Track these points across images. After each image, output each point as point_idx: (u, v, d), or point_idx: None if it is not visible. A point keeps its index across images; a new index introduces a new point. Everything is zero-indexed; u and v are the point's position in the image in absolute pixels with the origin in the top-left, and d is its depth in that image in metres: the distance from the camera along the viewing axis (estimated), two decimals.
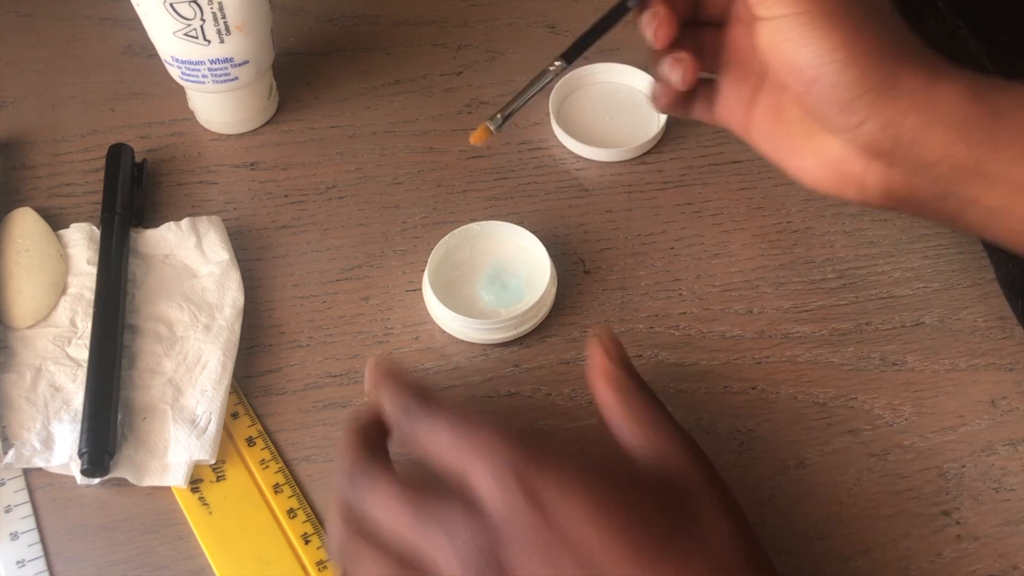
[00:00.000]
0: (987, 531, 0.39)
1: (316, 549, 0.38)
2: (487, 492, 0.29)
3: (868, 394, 0.42)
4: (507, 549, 0.29)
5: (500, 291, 0.44)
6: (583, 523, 0.29)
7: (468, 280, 0.44)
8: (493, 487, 0.29)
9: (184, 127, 0.51)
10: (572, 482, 0.29)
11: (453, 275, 0.44)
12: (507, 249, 0.45)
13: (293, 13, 0.56)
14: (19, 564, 0.37)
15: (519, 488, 0.29)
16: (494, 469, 0.29)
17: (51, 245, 0.44)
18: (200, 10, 0.43)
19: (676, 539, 0.30)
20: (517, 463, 0.29)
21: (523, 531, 0.29)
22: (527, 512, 0.29)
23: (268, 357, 0.43)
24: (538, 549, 0.28)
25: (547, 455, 0.30)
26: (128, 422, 0.40)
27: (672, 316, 0.45)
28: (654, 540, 0.29)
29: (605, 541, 0.29)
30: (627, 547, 0.29)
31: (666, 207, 0.49)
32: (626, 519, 0.29)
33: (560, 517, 0.29)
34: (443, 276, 0.44)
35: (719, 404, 0.42)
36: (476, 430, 0.30)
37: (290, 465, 0.40)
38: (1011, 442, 0.41)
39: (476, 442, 0.30)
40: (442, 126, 0.51)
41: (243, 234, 0.47)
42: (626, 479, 0.31)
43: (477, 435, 0.30)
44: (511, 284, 0.44)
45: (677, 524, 0.30)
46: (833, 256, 0.47)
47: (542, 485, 0.29)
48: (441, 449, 0.31)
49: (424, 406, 0.32)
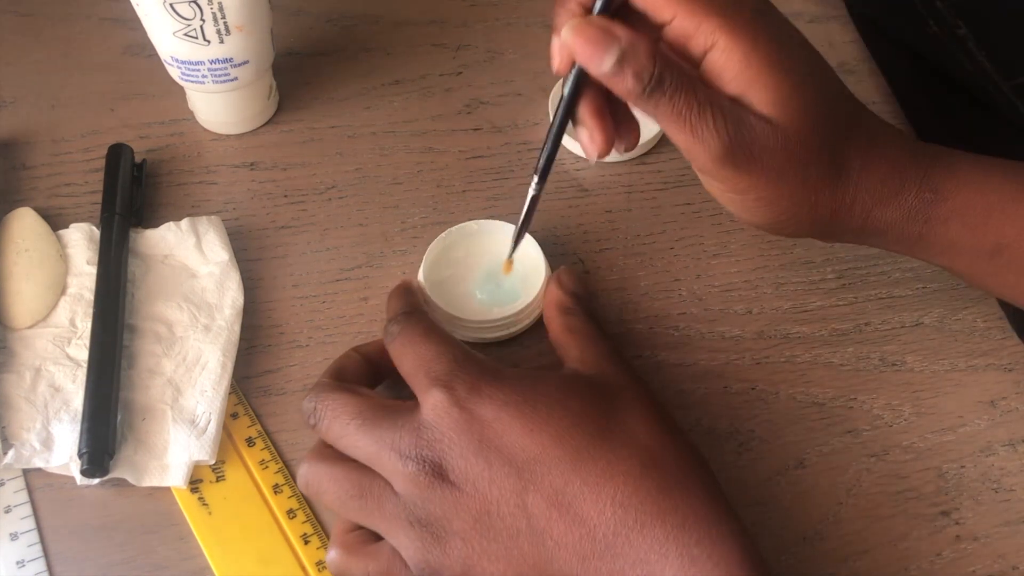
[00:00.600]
0: (986, 531, 0.39)
1: (316, 549, 0.38)
2: (431, 409, 0.34)
3: (867, 394, 0.43)
4: (446, 456, 0.33)
5: (495, 290, 0.44)
6: (518, 433, 0.33)
7: (463, 279, 0.44)
8: (437, 405, 0.34)
9: (184, 127, 0.51)
10: (507, 400, 0.34)
11: (447, 273, 0.44)
12: (504, 248, 0.45)
13: (293, 13, 0.56)
14: (19, 564, 0.37)
15: (458, 406, 0.34)
16: (439, 390, 0.34)
17: (51, 245, 0.44)
18: (200, 10, 0.43)
19: (605, 438, 0.34)
20: (459, 384, 0.34)
21: (462, 441, 0.33)
22: (466, 426, 0.33)
23: (268, 357, 0.43)
24: (475, 452, 0.33)
25: (487, 376, 0.35)
26: (128, 422, 0.40)
27: (672, 316, 0.45)
28: (584, 442, 0.33)
29: (539, 448, 0.33)
30: (560, 451, 0.33)
31: (666, 207, 0.49)
32: (557, 427, 0.33)
33: (496, 429, 0.33)
34: (438, 274, 0.44)
35: (719, 404, 0.42)
36: (433, 354, 0.36)
37: (290, 465, 0.40)
38: (1010, 442, 0.41)
39: (431, 365, 0.35)
40: (442, 126, 0.51)
41: (243, 234, 0.47)
42: (557, 390, 0.35)
43: (433, 359, 0.35)
44: (506, 283, 0.44)
45: (605, 425, 0.34)
46: (832, 256, 0.47)
47: (478, 402, 0.34)
48: (405, 370, 0.37)
49: (404, 330, 0.37)
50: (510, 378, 0.35)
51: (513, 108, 0.52)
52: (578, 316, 0.40)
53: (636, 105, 0.34)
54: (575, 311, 0.40)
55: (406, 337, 0.37)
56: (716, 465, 0.40)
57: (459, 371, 0.35)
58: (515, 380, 0.35)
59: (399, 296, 0.41)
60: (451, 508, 0.33)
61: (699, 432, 0.41)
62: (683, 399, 0.42)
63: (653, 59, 0.32)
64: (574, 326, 0.40)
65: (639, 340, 0.44)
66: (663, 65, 0.33)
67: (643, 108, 0.34)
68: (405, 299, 0.41)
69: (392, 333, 0.38)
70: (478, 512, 0.33)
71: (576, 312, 0.40)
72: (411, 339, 0.37)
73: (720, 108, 0.33)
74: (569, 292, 0.41)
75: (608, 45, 0.32)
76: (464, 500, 0.33)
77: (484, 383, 0.34)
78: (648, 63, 0.32)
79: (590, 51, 0.33)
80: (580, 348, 0.38)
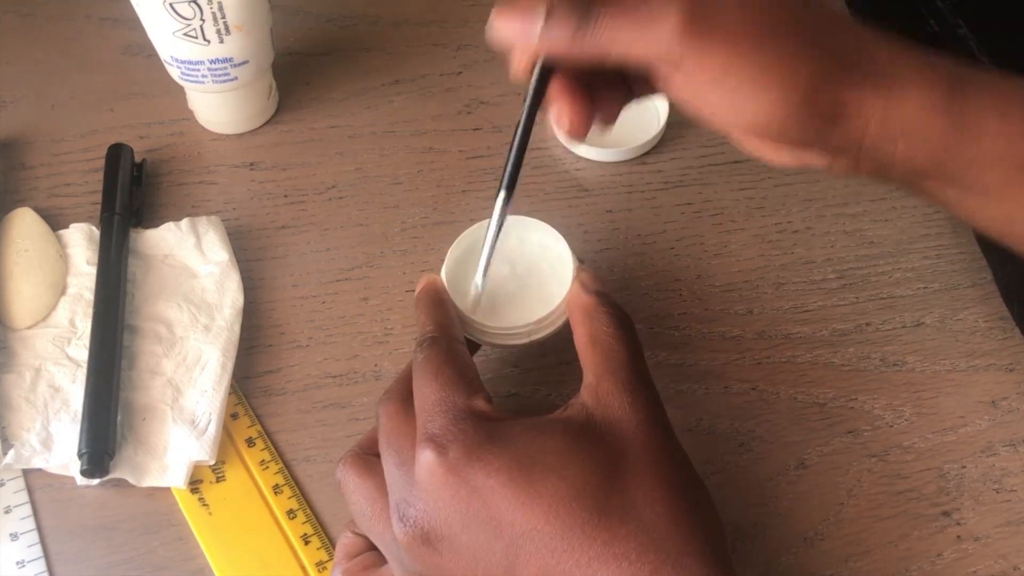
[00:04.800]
0: (987, 532, 0.39)
1: (316, 550, 0.38)
2: (421, 468, 0.31)
3: (868, 395, 0.42)
4: (432, 521, 0.31)
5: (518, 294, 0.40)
6: (510, 505, 0.30)
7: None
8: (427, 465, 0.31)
9: (184, 127, 0.51)
10: (501, 466, 0.31)
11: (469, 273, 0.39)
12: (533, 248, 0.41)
13: (293, 13, 0.56)
14: (19, 565, 0.37)
15: (447, 470, 0.31)
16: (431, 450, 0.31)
17: (51, 245, 0.44)
18: (200, 10, 0.43)
19: (604, 514, 0.30)
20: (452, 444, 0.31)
21: (448, 509, 0.31)
22: (454, 492, 0.30)
23: (268, 357, 0.43)
24: (462, 523, 0.30)
25: (483, 437, 0.31)
26: (128, 423, 0.40)
27: (672, 316, 0.45)
28: (581, 519, 0.30)
29: (530, 523, 0.30)
30: (553, 527, 0.30)
31: (666, 207, 0.48)
32: (552, 499, 0.30)
33: (486, 499, 0.30)
34: (460, 273, 0.40)
35: (719, 404, 0.42)
36: (436, 403, 0.33)
37: (290, 466, 0.40)
38: (1011, 443, 0.41)
39: (431, 414, 0.32)
40: (442, 126, 0.51)
41: (243, 234, 0.47)
42: (558, 453, 0.31)
43: (434, 408, 0.32)
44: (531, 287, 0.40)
45: (605, 497, 0.30)
46: (833, 256, 0.47)
47: (469, 467, 0.31)
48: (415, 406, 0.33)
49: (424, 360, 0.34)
50: (508, 439, 0.32)
51: (513, 108, 0.52)
52: (604, 322, 0.36)
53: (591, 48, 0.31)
54: (599, 316, 0.36)
55: (422, 369, 0.34)
56: (716, 465, 0.40)
57: (455, 429, 0.32)
58: (513, 441, 0.32)
59: (428, 309, 0.37)
60: (432, 571, 0.31)
61: (699, 432, 0.41)
62: (683, 399, 0.42)
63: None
64: (598, 336, 0.35)
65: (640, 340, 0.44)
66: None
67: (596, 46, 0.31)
68: (435, 315, 0.37)
69: (416, 359, 0.35)
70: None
71: (601, 317, 0.36)
72: (425, 372, 0.34)
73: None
74: (593, 292, 0.37)
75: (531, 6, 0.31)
76: (448, 567, 0.31)
77: (478, 446, 0.31)
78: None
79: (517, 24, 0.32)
80: (597, 374, 0.34)
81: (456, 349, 0.36)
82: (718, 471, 0.40)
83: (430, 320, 0.37)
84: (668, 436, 0.33)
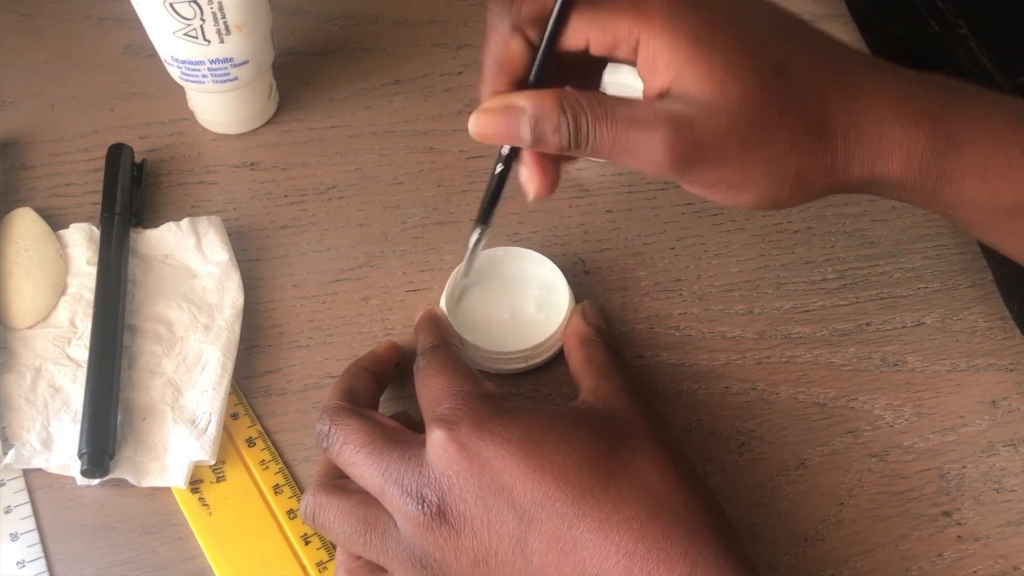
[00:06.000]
0: (988, 532, 0.39)
1: (316, 550, 0.38)
2: (433, 447, 0.33)
3: (868, 395, 0.42)
4: (446, 496, 0.32)
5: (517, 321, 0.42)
6: (520, 474, 0.32)
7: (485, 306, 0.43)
8: (439, 443, 0.33)
9: (184, 127, 0.51)
10: (510, 438, 0.32)
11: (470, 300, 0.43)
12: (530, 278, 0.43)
13: (293, 13, 0.56)
14: (19, 565, 0.37)
15: (459, 445, 0.32)
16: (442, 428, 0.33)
17: (51, 245, 0.44)
18: (200, 10, 0.43)
19: (612, 479, 0.32)
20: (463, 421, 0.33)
21: (461, 482, 0.32)
22: (466, 466, 0.32)
23: (268, 357, 0.43)
24: (475, 495, 0.32)
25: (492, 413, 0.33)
26: (128, 423, 0.40)
27: (672, 316, 0.45)
28: (590, 484, 0.32)
29: (541, 491, 0.31)
30: (564, 493, 0.31)
31: (666, 207, 0.48)
32: (562, 468, 0.32)
33: (497, 469, 0.32)
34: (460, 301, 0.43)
35: (719, 404, 0.42)
36: (443, 391, 0.35)
37: (290, 466, 0.40)
38: (1012, 443, 0.41)
39: (439, 401, 0.34)
40: (442, 126, 0.51)
41: (243, 234, 0.47)
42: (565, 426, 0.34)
43: (442, 395, 0.34)
44: (529, 314, 0.43)
45: (612, 466, 0.32)
46: (834, 256, 0.47)
47: (480, 440, 0.32)
48: (420, 405, 0.35)
49: (426, 365, 0.37)
50: (516, 414, 0.34)
51: None
52: (599, 349, 0.40)
53: (577, 156, 0.33)
54: (596, 344, 0.40)
55: (425, 372, 0.36)
56: (717, 465, 0.40)
57: (464, 408, 0.33)
58: (521, 416, 0.33)
59: (427, 327, 0.40)
60: (450, 551, 0.32)
61: (699, 432, 0.41)
62: (683, 399, 0.42)
63: (561, 109, 0.31)
64: (594, 358, 0.39)
65: (640, 340, 0.44)
66: (574, 109, 0.31)
67: (582, 156, 0.33)
68: (433, 330, 0.40)
69: (419, 367, 0.37)
70: (476, 557, 0.32)
71: (597, 345, 0.40)
72: (428, 374, 0.36)
73: (649, 119, 0.31)
74: (592, 325, 0.41)
75: (516, 117, 0.32)
76: (463, 543, 0.32)
77: (488, 420, 0.33)
78: (557, 115, 0.31)
79: (503, 131, 0.33)
80: (595, 380, 0.38)
81: (457, 354, 0.38)
82: (718, 471, 0.40)
83: (429, 334, 0.39)
84: (668, 433, 0.36)
